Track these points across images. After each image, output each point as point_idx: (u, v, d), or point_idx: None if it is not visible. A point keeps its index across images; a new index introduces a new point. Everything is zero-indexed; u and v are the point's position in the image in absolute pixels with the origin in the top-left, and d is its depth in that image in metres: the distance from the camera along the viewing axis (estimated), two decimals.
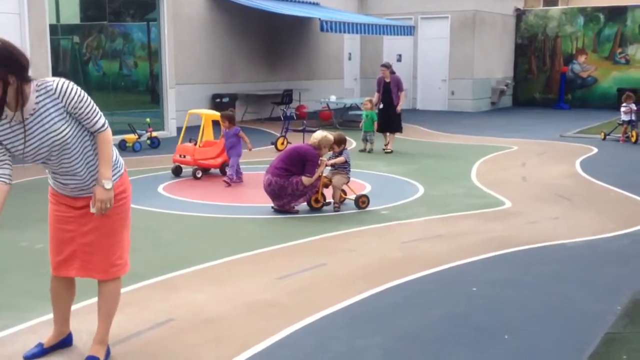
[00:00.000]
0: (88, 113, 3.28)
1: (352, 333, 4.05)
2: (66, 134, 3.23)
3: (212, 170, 9.56)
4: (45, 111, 3.20)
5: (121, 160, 3.53)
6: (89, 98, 3.30)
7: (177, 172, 9.44)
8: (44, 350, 3.66)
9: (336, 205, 7.41)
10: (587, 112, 19.79)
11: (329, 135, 7.40)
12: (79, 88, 3.28)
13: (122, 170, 3.50)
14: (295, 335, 4.02)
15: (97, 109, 3.33)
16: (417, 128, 15.67)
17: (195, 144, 9.47)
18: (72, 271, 3.52)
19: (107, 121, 3.37)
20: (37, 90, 3.19)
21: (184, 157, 9.30)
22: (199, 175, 9.22)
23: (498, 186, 8.77)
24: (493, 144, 13.05)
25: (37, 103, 3.18)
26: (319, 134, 7.35)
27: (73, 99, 3.22)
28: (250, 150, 9.39)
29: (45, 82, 3.22)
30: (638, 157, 11.50)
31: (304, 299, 4.64)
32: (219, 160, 9.33)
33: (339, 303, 4.52)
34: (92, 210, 3.33)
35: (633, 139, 13.03)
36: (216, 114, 9.60)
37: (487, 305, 4.55)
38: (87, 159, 3.34)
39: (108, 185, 3.30)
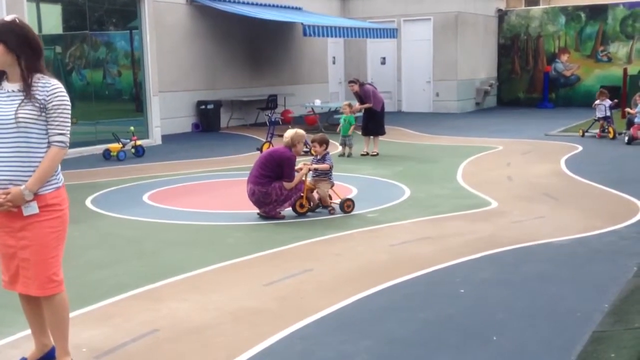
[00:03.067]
0: (59, 121, 3.31)
1: (341, 338, 4.02)
2: (26, 116, 3.24)
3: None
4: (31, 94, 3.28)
5: (62, 176, 3.47)
6: (69, 114, 3.37)
7: None
8: None
9: (330, 209, 7.40)
10: (571, 111, 19.89)
11: (299, 130, 7.42)
12: (69, 101, 3.37)
13: (60, 184, 3.43)
14: (283, 342, 3.98)
15: (69, 128, 3.37)
16: (402, 130, 15.68)
17: None
18: (18, 287, 3.45)
19: (68, 143, 3.37)
20: (38, 79, 3.29)
21: None
22: None
23: (484, 186, 8.77)
24: (478, 144, 13.07)
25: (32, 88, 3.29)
26: (289, 132, 7.35)
27: (57, 97, 3.29)
28: None
29: (49, 79, 3.33)
30: (623, 154, 11.56)
31: (291, 305, 4.60)
32: None
33: (327, 308, 4.48)
34: None
35: (611, 135, 13.14)
36: None
37: (475, 307, 4.53)
38: (20, 152, 3.27)
39: (27, 196, 3.26)
